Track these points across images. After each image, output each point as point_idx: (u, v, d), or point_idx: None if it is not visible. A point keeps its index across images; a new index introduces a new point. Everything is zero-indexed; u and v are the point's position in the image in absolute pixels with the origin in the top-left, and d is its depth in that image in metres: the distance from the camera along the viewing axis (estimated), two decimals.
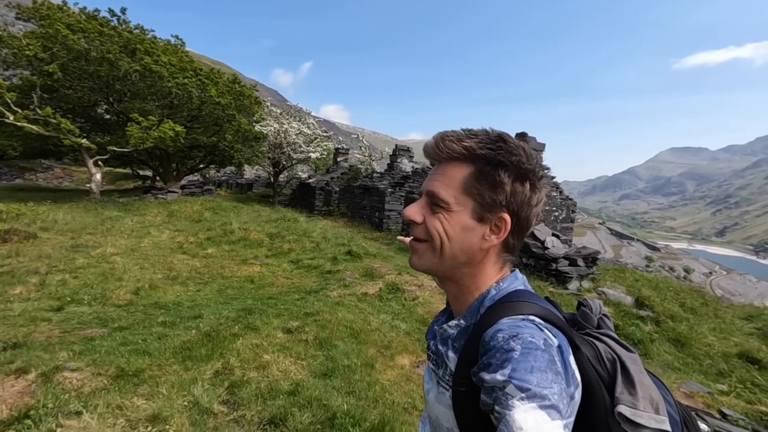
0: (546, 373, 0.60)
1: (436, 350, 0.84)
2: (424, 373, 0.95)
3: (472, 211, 0.75)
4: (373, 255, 9.31)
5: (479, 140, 0.75)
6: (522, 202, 0.75)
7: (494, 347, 0.65)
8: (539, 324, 0.68)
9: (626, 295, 6.73)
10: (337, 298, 5.88)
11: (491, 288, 0.79)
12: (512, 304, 0.73)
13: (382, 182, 17.37)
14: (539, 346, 0.63)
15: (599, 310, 0.85)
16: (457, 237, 0.76)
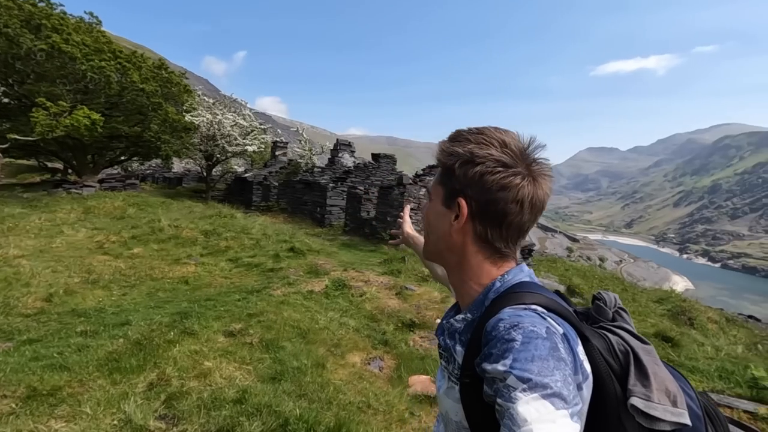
0: (547, 360, 0.59)
1: (444, 345, 0.85)
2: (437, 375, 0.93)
3: (443, 198, 0.81)
4: (316, 251, 9.10)
5: (452, 137, 0.81)
6: (477, 186, 0.76)
7: (495, 337, 0.64)
8: (542, 313, 0.68)
9: (559, 283, 7.19)
10: (282, 297, 5.64)
11: (496, 281, 0.79)
12: (515, 294, 0.73)
13: (323, 177, 17.07)
14: (540, 335, 0.62)
15: (614, 303, 0.83)
16: (434, 223, 0.84)
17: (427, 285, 6.74)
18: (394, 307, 5.78)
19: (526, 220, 0.77)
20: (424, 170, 13.16)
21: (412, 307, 5.81)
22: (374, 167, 16.74)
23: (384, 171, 16.92)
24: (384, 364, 4.26)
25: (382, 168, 16.89)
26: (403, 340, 4.80)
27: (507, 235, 0.79)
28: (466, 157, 0.77)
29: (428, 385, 3.80)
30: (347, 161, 18.12)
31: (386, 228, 12.38)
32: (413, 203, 12.11)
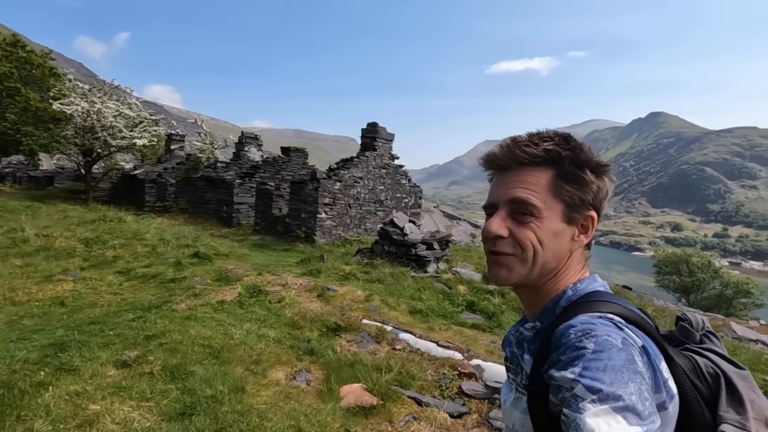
0: (621, 372, 0.54)
1: (512, 355, 0.82)
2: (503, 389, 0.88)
3: (562, 214, 0.74)
4: (225, 255, 8.32)
5: (557, 142, 0.74)
6: (603, 197, 0.76)
7: (565, 344, 0.61)
8: (618, 323, 0.64)
9: (475, 272, 7.46)
10: (188, 312, 4.96)
11: (567, 289, 0.76)
12: (589, 303, 0.70)
13: (228, 173, 15.82)
14: (615, 344, 0.58)
15: (702, 326, 0.78)
16: (550, 243, 0.74)
17: (350, 284, 6.50)
18: (316, 310, 5.44)
19: None
20: (338, 164, 12.84)
21: (335, 309, 5.53)
22: (284, 161, 15.95)
23: (295, 165, 16.21)
24: (311, 376, 3.93)
25: (292, 162, 16.17)
26: (330, 347, 4.51)
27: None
28: (593, 165, 0.75)
29: (361, 395, 3.58)
30: (254, 155, 17.01)
31: (300, 225, 11.86)
32: (328, 198, 11.75)
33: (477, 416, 3.43)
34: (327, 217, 11.80)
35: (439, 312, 5.79)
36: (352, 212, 12.57)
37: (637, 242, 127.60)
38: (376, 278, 6.82)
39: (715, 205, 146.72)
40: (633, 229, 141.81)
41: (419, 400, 3.59)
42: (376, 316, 5.37)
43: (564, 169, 0.73)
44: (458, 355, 4.35)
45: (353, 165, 12.56)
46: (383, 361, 4.18)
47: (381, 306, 5.73)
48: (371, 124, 13.33)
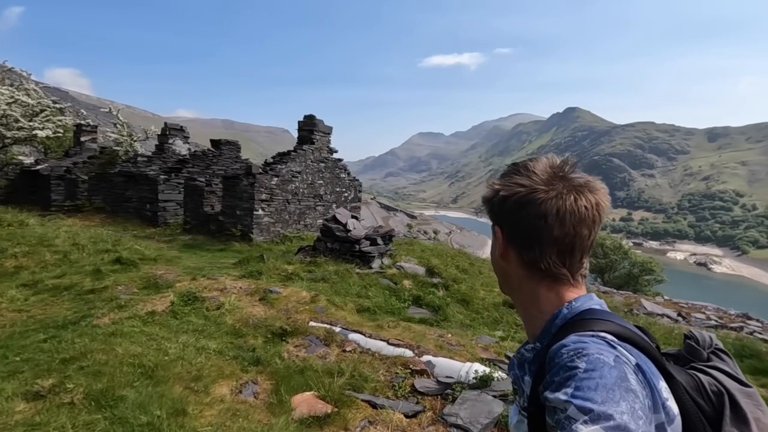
0: (613, 390, 0.54)
1: (515, 377, 0.83)
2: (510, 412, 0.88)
3: (496, 234, 0.82)
4: (152, 259, 7.65)
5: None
6: (504, 212, 0.78)
7: (557, 364, 0.61)
8: (611, 341, 0.63)
9: (419, 266, 7.56)
10: (112, 327, 4.47)
11: (563, 308, 0.76)
12: (583, 321, 0.70)
13: (151, 168, 14.54)
14: (607, 362, 0.57)
15: (709, 343, 0.77)
16: (492, 257, 0.86)
17: (294, 284, 6.27)
18: (259, 315, 5.17)
19: (561, 235, 0.73)
20: (275, 158, 12.33)
21: (280, 312, 5.29)
22: (215, 155, 14.99)
23: (227, 159, 15.31)
24: (259, 388, 3.71)
25: (224, 156, 15.25)
26: (277, 354, 4.30)
27: (546, 253, 0.76)
28: (495, 189, 0.80)
29: (314, 403, 3.45)
30: (181, 149, 15.79)
31: (236, 223, 11.25)
32: (265, 194, 11.25)
33: (431, 414, 3.46)
34: (264, 214, 11.30)
35: (387, 309, 5.78)
36: (290, 208, 12.17)
37: None
38: (321, 277, 6.65)
39: (621, 192, 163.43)
40: None
41: (374, 403, 3.54)
42: (324, 318, 5.22)
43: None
44: (409, 353, 4.36)
45: (291, 159, 12.13)
46: (334, 365, 4.07)
47: (328, 306, 5.59)
48: (308, 117, 12.94)
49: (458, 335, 4.98)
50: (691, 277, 77.80)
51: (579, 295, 0.78)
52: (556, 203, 0.73)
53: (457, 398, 3.56)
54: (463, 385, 3.72)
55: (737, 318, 9.29)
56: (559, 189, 0.73)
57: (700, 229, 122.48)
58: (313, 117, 12.95)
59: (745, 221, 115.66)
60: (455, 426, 3.27)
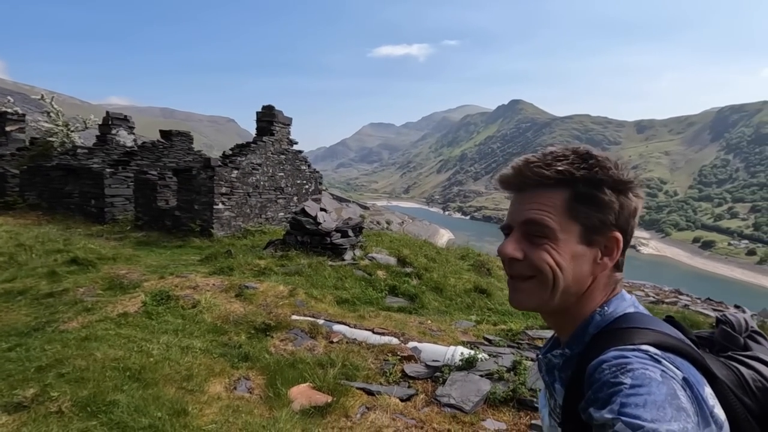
0: (663, 408, 0.51)
1: (545, 381, 0.80)
2: (539, 396, 0.86)
3: (580, 236, 0.70)
4: (110, 258, 7.23)
5: (571, 161, 0.71)
6: (629, 215, 0.72)
7: (599, 380, 0.58)
8: (654, 354, 0.59)
9: (390, 256, 7.73)
10: (83, 331, 4.24)
11: (595, 314, 0.72)
12: (621, 331, 0.66)
13: (93, 160, 13.53)
14: (655, 378, 0.55)
15: (745, 327, 0.74)
16: (569, 267, 0.69)
17: (268, 279, 6.21)
18: (239, 312, 5.10)
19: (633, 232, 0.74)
20: (234, 150, 11.92)
21: (260, 308, 5.26)
22: (166, 147, 14.20)
23: (179, 151, 14.56)
24: (252, 383, 3.72)
25: (175, 148, 14.48)
26: (264, 349, 4.30)
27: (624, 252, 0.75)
28: (615, 183, 0.70)
29: (311, 394, 3.52)
30: (126, 140, 14.78)
31: (194, 218, 10.81)
32: (225, 188, 10.89)
33: (424, 396, 3.65)
34: (225, 208, 10.95)
35: (365, 299, 5.90)
36: (251, 201, 11.86)
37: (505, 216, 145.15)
38: (295, 271, 6.63)
39: None
40: (501, 204, 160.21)
41: (369, 390, 3.67)
42: (305, 311, 5.25)
43: (579, 190, 0.70)
44: (395, 340, 4.52)
45: (251, 151, 11.79)
46: (324, 357, 4.15)
47: (307, 299, 5.61)
48: (267, 108, 12.61)
49: (437, 321, 5.22)
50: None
51: (612, 297, 0.73)
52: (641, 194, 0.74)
53: (446, 380, 3.77)
54: (451, 368, 3.95)
55: (671, 294, 10.38)
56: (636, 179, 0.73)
57: None
58: (272, 108, 12.63)
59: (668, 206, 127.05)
60: (449, 405, 3.49)
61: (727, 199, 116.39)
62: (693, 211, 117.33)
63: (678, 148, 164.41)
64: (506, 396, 3.47)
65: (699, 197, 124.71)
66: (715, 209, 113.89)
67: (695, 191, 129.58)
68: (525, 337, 4.78)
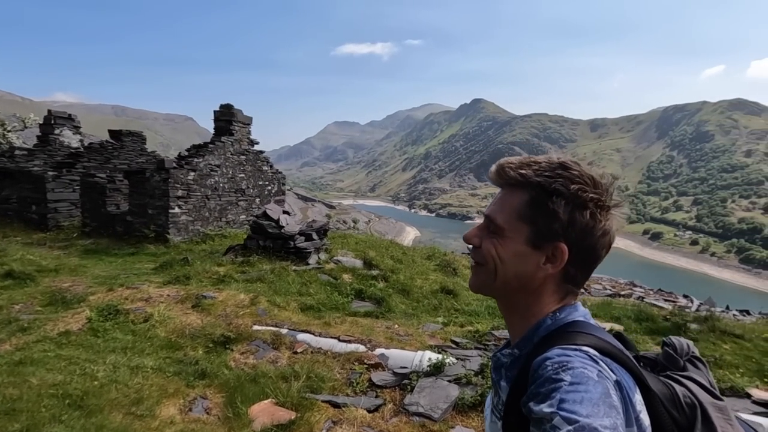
0: (598, 405, 0.55)
1: (492, 379, 0.84)
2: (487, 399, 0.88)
3: (527, 238, 0.74)
4: (52, 270, 6.68)
5: (537, 168, 0.74)
6: (582, 231, 0.72)
7: (542, 376, 0.62)
8: (593, 356, 0.64)
9: (356, 259, 7.59)
10: (17, 354, 3.86)
11: (547, 317, 0.76)
12: (567, 334, 0.71)
13: (34, 163, 12.53)
14: (592, 377, 0.59)
15: (686, 351, 0.80)
16: (510, 262, 0.75)
17: (228, 287, 5.92)
18: (196, 324, 4.82)
19: (605, 252, 0.76)
20: (190, 151, 11.38)
21: (219, 319, 4.99)
22: (116, 148, 13.36)
23: (130, 152, 13.74)
24: (210, 403, 3.49)
25: (126, 149, 13.66)
26: (223, 364, 4.07)
27: (588, 276, 0.78)
28: (572, 196, 0.72)
29: (274, 411, 3.34)
30: (71, 140, 13.79)
31: (148, 223, 10.22)
32: (182, 191, 10.37)
33: (392, 405, 3.55)
34: (182, 212, 10.41)
35: (331, 305, 5.74)
36: (210, 204, 11.37)
37: (468, 212, 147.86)
38: (257, 277, 6.36)
39: None
40: (465, 200, 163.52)
41: (335, 403, 3.53)
42: (268, 320, 5.03)
43: (532, 195, 0.73)
44: (361, 348, 4.40)
45: (208, 152, 11.28)
46: (288, 369, 3.97)
47: (270, 308, 5.39)
48: (225, 106, 12.13)
49: (405, 325, 5.14)
50: None
51: (566, 305, 0.77)
52: (614, 233, 0.74)
53: (414, 387, 3.69)
54: (419, 374, 3.87)
55: (626, 286, 10.85)
56: (613, 215, 0.74)
57: None
58: (231, 107, 12.16)
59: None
60: (417, 414, 3.41)
61: (672, 193, 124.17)
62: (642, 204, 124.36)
63: (628, 146, 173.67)
64: (474, 401, 3.43)
65: (648, 191, 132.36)
66: (662, 203, 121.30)
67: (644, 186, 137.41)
68: (491, 337, 4.79)
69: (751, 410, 3.49)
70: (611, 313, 5.81)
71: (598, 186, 0.73)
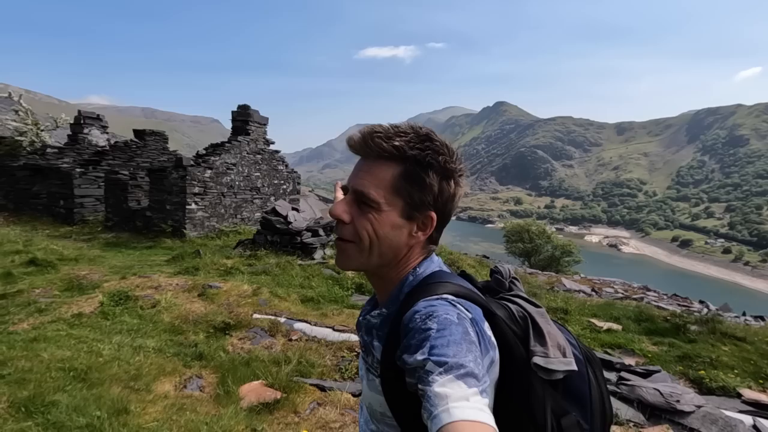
0: (460, 344, 0.62)
1: (363, 341, 0.87)
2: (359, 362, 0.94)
3: (402, 210, 0.77)
4: (73, 259, 7.07)
5: (409, 139, 0.76)
6: (447, 199, 0.79)
7: (413, 329, 0.67)
8: (452, 301, 0.71)
9: None
10: (33, 332, 4.14)
11: (409, 274, 0.81)
12: (428, 286, 0.76)
13: (63, 160, 13.21)
14: (453, 321, 0.66)
15: (509, 275, 0.93)
16: (387, 236, 0.77)
17: (234, 279, 6.16)
18: (199, 311, 5.05)
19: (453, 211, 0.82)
20: (207, 150, 11.78)
21: (221, 307, 5.21)
22: (139, 147, 13.95)
23: (152, 151, 14.32)
24: (204, 382, 3.68)
25: (149, 147, 14.24)
26: (220, 348, 4.27)
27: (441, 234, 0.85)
28: (440, 168, 0.76)
29: (262, 391, 3.50)
30: (98, 139, 14.48)
31: (166, 219, 10.65)
32: (198, 187, 10.76)
33: None
34: (198, 208, 10.80)
35: (330, 297, 5.90)
36: (226, 201, 11.74)
37: (489, 216, 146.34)
38: (262, 270, 6.58)
39: (545, 182, 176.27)
40: (485, 204, 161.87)
41: (322, 386, 3.67)
42: (267, 310, 5.22)
43: (408, 168, 0.75)
44: (354, 337, 4.52)
45: (225, 151, 11.67)
46: (281, 354, 4.13)
47: (271, 298, 5.58)
48: (242, 107, 12.51)
49: None
50: (604, 257, 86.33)
51: (423, 259, 0.83)
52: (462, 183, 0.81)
53: None
54: None
55: (639, 290, 10.63)
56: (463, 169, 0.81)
57: (612, 214, 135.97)
58: (248, 107, 12.53)
59: (647, 206, 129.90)
60: None
61: (703, 199, 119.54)
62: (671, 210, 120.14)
63: (656, 150, 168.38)
64: None
65: (677, 197, 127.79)
66: (692, 209, 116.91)
67: (673, 191, 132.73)
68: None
69: (738, 409, 3.46)
70: (611, 314, 5.77)
71: (454, 155, 0.78)
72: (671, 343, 4.82)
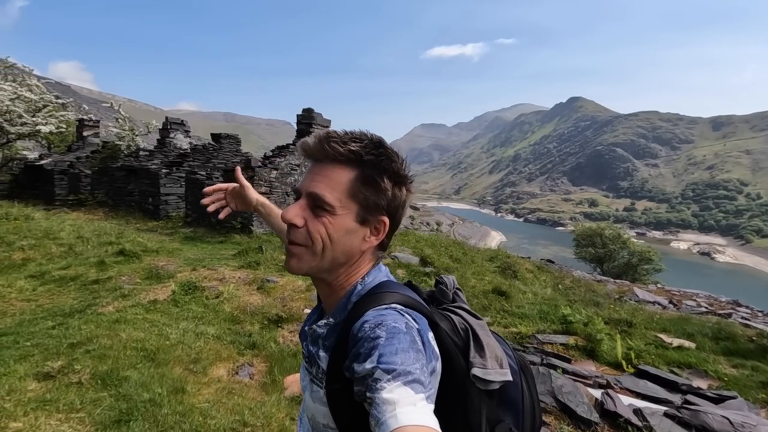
0: (408, 352, 0.64)
1: (308, 351, 0.85)
2: (300, 370, 0.94)
3: (356, 214, 0.78)
4: (154, 251, 7.88)
5: (364, 145, 0.77)
6: (398, 205, 0.81)
7: (362, 338, 0.68)
8: (401, 310, 0.73)
9: (413, 255, 7.76)
10: (116, 314, 4.70)
11: (357, 284, 0.82)
12: (377, 295, 0.77)
13: (152, 162, 14.76)
14: (401, 330, 0.67)
15: (452, 285, 0.96)
16: (340, 240, 0.78)
17: (290, 275, 6.49)
18: (256, 303, 5.40)
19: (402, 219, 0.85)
20: (273, 151, 12.50)
21: (276, 300, 5.53)
22: (216, 149, 15.17)
23: (227, 153, 15.50)
24: (254, 369, 3.95)
25: (224, 150, 15.43)
26: (272, 339, 4.54)
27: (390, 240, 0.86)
28: (393, 174, 0.79)
29: None
30: (182, 142, 15.99)
31: (236, 216, 11.46)
32: (265, 187, 11.45)
33: None
34: None
35: None
36: (290, 201, 12.36)
37: (560, 218, 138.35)
38: None
39: (624, 182, 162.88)
40: (556, 206, 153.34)
41: None
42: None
43: (364, 172, 0.76)
44: None
45: (289, 152, 12.30)
46: None
47: None
48: (307, 110, 13.09)
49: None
50: (693, 266, 77.83)
51: (370, 269, 0.84)
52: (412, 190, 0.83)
53: None
54: None
55: (727, 305, 9.47)
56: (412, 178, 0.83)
57: (704, 218, 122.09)
58: (311, 110, 13.09)
59: (749, 210, 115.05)
60: None
61: None
62: None
63: (762, 147, 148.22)
64: None
65: None
66: None
67: None
68: (534, 340, 4.64)
69: None
70: (684, 329, 5.23)
71: (404, 163, 0.81)
72: (754, 367, 4.27)
